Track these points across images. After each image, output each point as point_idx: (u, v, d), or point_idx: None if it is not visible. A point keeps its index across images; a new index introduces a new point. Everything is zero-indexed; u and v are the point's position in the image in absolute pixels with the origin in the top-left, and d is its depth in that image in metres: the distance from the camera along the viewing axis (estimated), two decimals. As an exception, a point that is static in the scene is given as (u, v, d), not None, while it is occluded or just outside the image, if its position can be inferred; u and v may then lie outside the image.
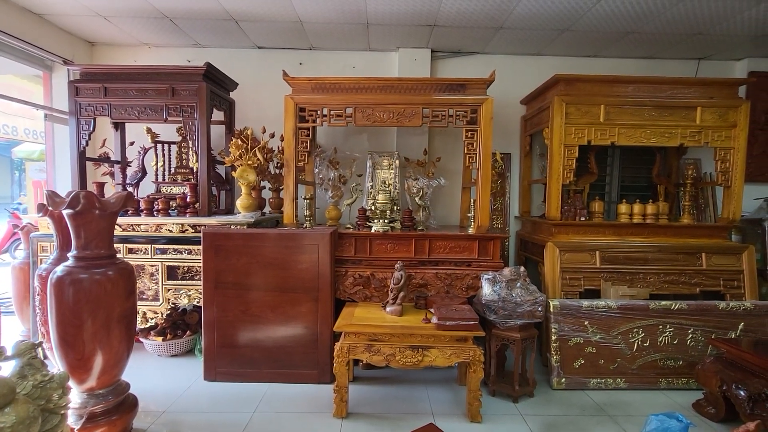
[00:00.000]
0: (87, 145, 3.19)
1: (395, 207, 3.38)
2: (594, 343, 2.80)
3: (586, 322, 2.82)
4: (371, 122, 3.02)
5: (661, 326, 2.83)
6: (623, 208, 3.40)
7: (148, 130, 3.53)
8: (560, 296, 2.98)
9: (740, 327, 2.85)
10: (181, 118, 3.09)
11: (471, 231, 3.03)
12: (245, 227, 2.88)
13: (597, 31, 3.37)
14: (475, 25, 3.33)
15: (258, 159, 3.07)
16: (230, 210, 3.68)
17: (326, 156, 3.57)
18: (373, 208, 3.24)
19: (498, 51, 3.87)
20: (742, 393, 2.15)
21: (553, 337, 2.79)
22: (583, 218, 3.34)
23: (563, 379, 2.76)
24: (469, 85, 2.99)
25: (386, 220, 3.06)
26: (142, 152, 3.53)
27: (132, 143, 3.62)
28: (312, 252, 2.74)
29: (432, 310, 2.53)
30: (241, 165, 3.03)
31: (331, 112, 3.03)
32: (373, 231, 2.99)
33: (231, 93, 3.69)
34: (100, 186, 3.10)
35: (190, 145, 3.22)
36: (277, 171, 3.64)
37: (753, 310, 2.87)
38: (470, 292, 2.92)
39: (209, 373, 2.75)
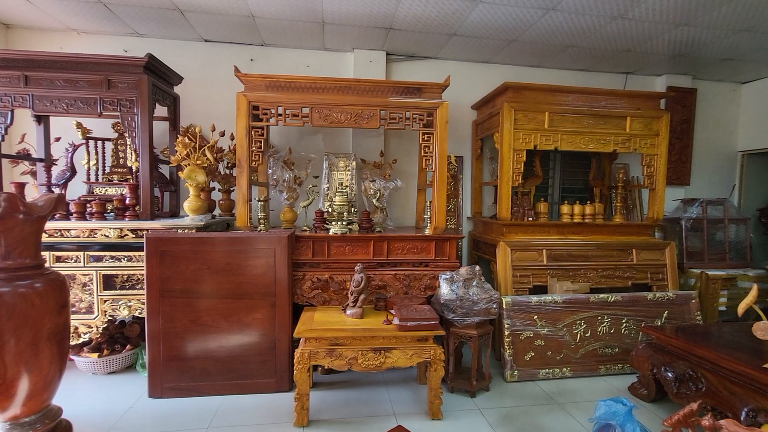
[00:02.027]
0: (2, 140, 2.82)
1: (353, 209, 3.36)
2: (542, 336, 2.98)
3: (535, 317, 2.99)
4: (328, 123, 2.97)
5: (600, 317, 3.09)
6: (565, 209, 3.66)
7: (79, 125, 3.19)
8: (512, 293, 3.14)
9: (665, 315, 3.19)
10: (118, 113, 2.83)
11: (428, 232, 3.09)
12: (194, 231, 2.71)
13: (541, 43, 3.60)
14: (430, 31, 3.41)
15: (208, 159, 2.90)
16: (176, 213, 3.44)
17: (280, 156, 3.46)
18: (330, 210, 3.19)
19: (451, 57, 3.99)
20: (669, 374, 2.40)
21: (506, 332, 2.92)
22: (530, 218, 3.54)
23: (516, 372, 2.90)
24: (425, 88, 3.04)
25: (344, 222, 3.03)
26: (71, 149, 3.18)
27: (58, 139, 3.24)
28: (268, 256, 2.64)
29: (392, 311, 2.55)
30: (189, 165, 2.84)
31: (287, 112, 2.94)
32: (330, 233, 2.95)
33: (175, 87, 3.45)
34: (20, 186, 2.74)
35: (129, 143, 2.96)
36: (228, 171, 3.47)
37: (675, 300, 3.23)
38: (428, 291, 2.97)
39: (155, 390, 2.54)
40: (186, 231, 2.68)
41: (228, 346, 2.60)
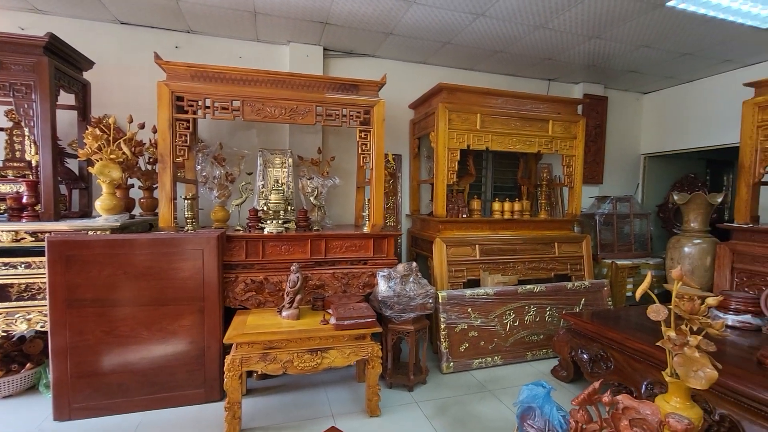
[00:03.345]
0: None
1: (289, 207, 3.26)
2: (476, 327, 3.12)
3: (469, 309, 3.12)
4: (261, 117, 2.84)
5: (527, 307, 3.30)
6: (496, 205, 3.86)
7: (-40, 112, 2.74)
8: (447, 287, 3.25)
9: (582, 302, 3.49)
10: (12, 99, 2.47)
11: (366, 230, 3.09)
12: (108, 232, 2.45)
13: (472, 47, 3.76)
14: (367, 28, 3.40)
15: (124, 153, 2.64)
16: (87, 213, 3.09)
17: (210, 152, 3.25)
18: (265, 208, 3.07)
19: (388, 56, 4.03)
20: (584, 356, 2.63)
21: (442, 326, 3.02)
22: (464, 215, 3.69)
23: (451, 364, 3.01)
24: (362, 86, 3.03)
25: (280, 221, 2.93)
26: (-51, 140, 2.72)
27: (-67, 127, 2.77)
28: (196, 258, 2.47)
29: (330, 310, 2.51)
30: (101, 159, 2.57)
31: (215, 104, 2.76)
32: (266, 232, 2.83)
33: (86, 73, 3.10)
34: None
35: (27, 133, 2.60)
36: (150, 167, 3.20)
37: (590, 288, 3.55)
38: (367, 289, 2.98)
39: (61, 412, 2.27)
40: (98, 233, 2.42)
41: (150, 357, 2.39)
